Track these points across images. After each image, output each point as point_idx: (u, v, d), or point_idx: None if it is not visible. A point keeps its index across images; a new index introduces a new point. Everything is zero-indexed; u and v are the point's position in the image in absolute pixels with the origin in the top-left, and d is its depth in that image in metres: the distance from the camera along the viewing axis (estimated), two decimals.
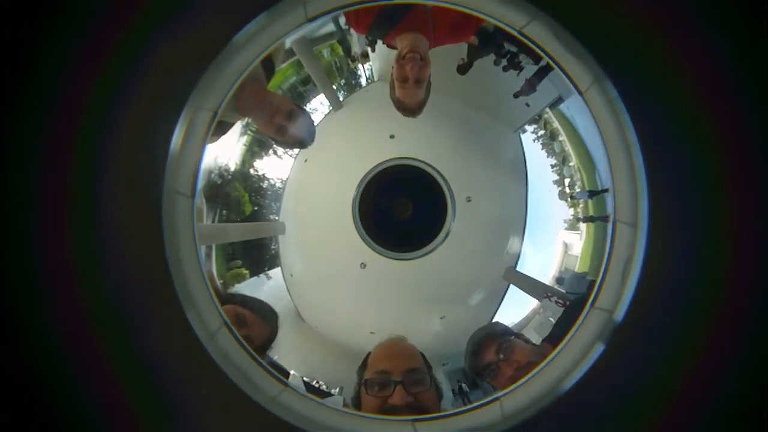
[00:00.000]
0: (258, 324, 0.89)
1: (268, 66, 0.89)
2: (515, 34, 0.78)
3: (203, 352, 0.77)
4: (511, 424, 0.78)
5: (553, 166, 0.94)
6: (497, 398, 0.79)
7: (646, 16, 0.74)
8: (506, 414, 0.78)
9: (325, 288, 1.03)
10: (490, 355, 0.91)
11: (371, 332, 0.97)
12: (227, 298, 0.85)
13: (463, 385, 0.92)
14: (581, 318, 0.78)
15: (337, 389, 0.94)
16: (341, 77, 0.98)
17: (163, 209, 0.76)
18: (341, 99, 0.99)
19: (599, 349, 0.77)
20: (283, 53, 0.92)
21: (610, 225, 0.78)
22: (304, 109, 0.99)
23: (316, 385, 0.94)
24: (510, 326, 0.95)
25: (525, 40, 0.77)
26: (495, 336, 0.93)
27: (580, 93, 0.77)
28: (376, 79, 0.97)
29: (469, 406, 0.80)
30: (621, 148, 0.76)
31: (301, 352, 0.98)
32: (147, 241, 0.75)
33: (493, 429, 0.79)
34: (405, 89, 0.94)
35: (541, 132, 0.94)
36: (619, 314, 0.77)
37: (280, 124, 0.96)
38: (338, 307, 1.02)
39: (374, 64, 0.97)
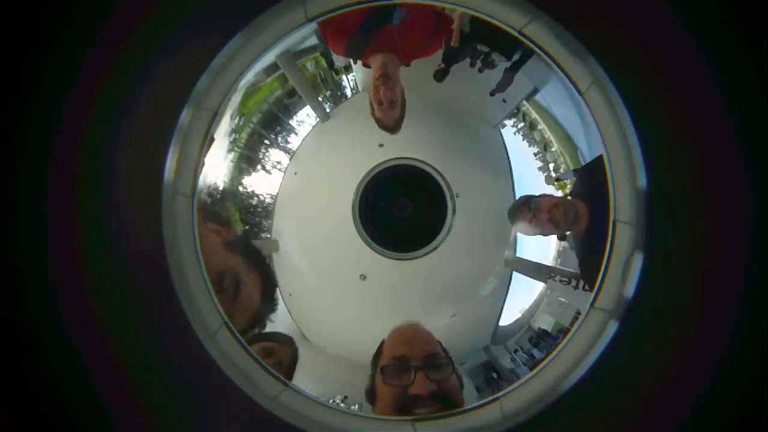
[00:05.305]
0: (282, 349, 0.93)
1: None
2: (515, 34, 0.79)
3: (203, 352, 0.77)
4: (511, 424, 0.78)
5: (535, 155, 1.00)
6: (497, 398, 0.79)
7: (645, 15, 0.77)
8: (506, 414, 0.78)
9: (328, 301, 0.98)
10: (527, 218, 0.94)
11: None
12: (252, 339, 0.88)
13: (494, 375, 0.89)
14: (581, 318, 0.80)
15: (357, 406, 0.88)
16: (326, 89, 1.00)
17: (163, 209, 0.76)
18: (328, 111, 1.01)
19: (600, 348, 0.79)
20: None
21: (610, 225, 0.79)
22: None
23: (334, 405, 0.87)
24: (533, 196, 0.96)
25: (525, 40, 0.79)
26: (517, 206, 0.96)
27: (580, 93, 0.78)
28: (360, 89, 1.00)
29: (469, 406, 0.80)
30: (621, 149, 0.78)
31: (312, 372, 0.91)
32: (149, 240, 0.74)
33: (493, 429, 0.78)
34: (381, 110, 0.98)
35: (521, 124, 1.00)
36: (619, 313, 0.79)
37: None
38: (344, 319, 0.98)
39: (358, 75, 1.00)
